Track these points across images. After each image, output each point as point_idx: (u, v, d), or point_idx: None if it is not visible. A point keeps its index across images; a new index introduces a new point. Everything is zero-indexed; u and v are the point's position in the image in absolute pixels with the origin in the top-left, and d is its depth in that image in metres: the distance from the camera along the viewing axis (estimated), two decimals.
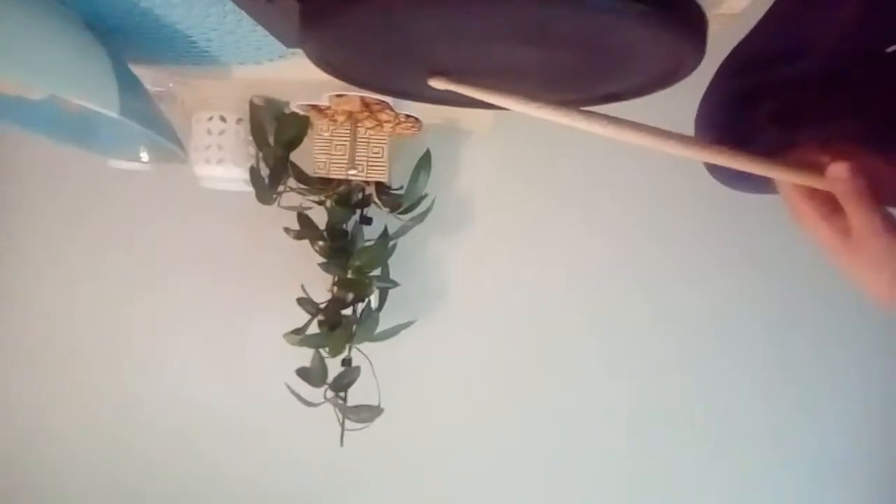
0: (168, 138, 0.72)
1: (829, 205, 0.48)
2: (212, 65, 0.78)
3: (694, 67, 0.51)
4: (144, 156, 0.82)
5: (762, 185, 0.59)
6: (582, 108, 0.46)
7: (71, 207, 1.39)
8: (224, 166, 1.17)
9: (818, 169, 0.47)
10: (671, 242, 1.35)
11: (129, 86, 0.67)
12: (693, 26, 0.45)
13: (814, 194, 0.48)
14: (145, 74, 1.01)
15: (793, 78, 0.69)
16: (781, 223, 0.53)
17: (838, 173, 0.45)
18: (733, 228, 1.32)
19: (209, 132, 1.16)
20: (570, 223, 1.35)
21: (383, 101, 1.03)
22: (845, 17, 0.66)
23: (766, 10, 0.71)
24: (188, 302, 1.37)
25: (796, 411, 1.34)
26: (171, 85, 1.06)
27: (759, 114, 0.71)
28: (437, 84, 0.53)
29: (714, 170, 0.77)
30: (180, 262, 1.37)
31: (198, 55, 0.74)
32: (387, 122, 1.09)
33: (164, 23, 0.65)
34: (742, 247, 1.32)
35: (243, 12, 0.60)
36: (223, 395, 1.37)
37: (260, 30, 0.66)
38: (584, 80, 0.56)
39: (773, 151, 0.68)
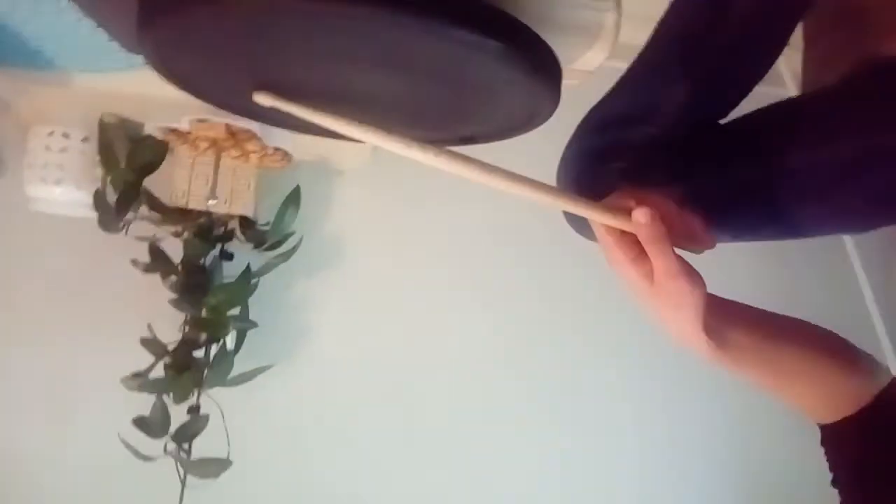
0: None
1: (638, 249, 0.50)
2: (48, 69, 0.70)
3: (549, 113, 0.52)
4: None
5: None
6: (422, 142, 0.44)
7: None
8: (63, 187, 1.06)
9: (627, 213, 0.49)
10: (551, 283, 1.37)
11: None
12: (547, 70, 0.46)
13: (624, 238, 0.51)
14: None
15: (638, 141, 0.75)
16: None
17: (639, 217, 0.47)
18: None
19: (48, 149, 1.04)
20: (442, 267, 1.35)
21: (250, 131, 0.99)
22: (678, 96, 0.72)
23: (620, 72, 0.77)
24: (12, 337, 1.20)
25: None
26: (5, 92, 0.95)
27: (611, 171, 0.75)
28: (262, 100, 0.50)
29: (571, 220, 0.80)
30: (6, 292, 1.20)
31: (29, 56, 0.65)
32: (253, 152, 1.04)
33: None
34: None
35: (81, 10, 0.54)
36: (48, 447, 1.19)
37: (103, 32, 0.60)
38: (441, 118, 0.56)
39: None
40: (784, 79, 1.24)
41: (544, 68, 0.45)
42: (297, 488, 1.27)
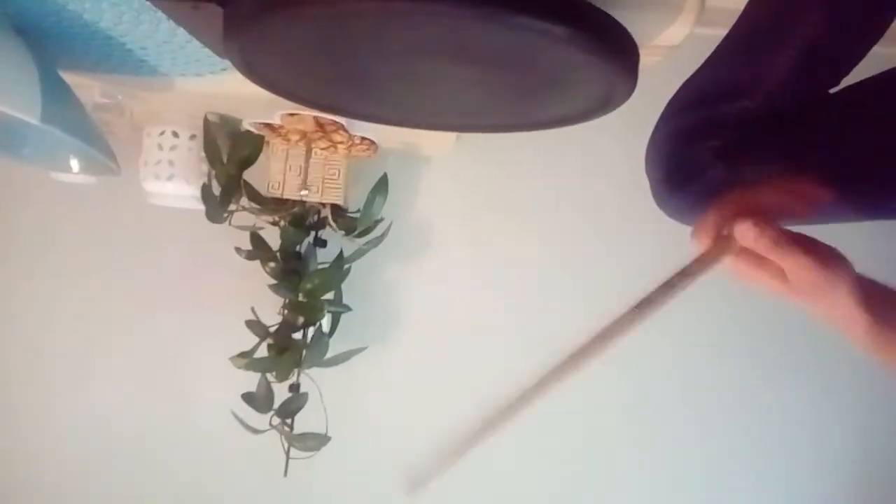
0: (99, 149, 0.69)
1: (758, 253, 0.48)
2: (151, 75, 0.76)
3: (627, 93, 0.50)
4: (74, 166, 0.79)
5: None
6: None
7: (7, 219, 1.34)
8: (175, 182, 1.14)
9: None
10: (638, 269, 1.33)
11: (55, 94, 0.64)
12: (620, 50, 0.45)
13: (741, 250, 0.49)
14: (93, 85, 0.99)
15: (736, 116, 0.70)
16: None
17: (745, 232, 0.45)
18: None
19: (160, 147, 1.13)
20: (528, 250, 1.34)
21: (337, 122, 1.02)
22: (785, 61, 0.67)
23: (710, 45, 0.73)
24: (130, 320, 1.32)
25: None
26: (119, 97, 1.03)
27: (705, 150, 0.71)
28: None
29: (662, 203, 0.77)
30: (125, 278, 1.33)
31: (135, 65, 0.71)
32: (341, 143, 1.07)
33: (95, 29, 0.63)
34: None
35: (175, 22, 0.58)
36: (164, 418, 1.32)
37: (196, 41, 0.65)
38: (519, 103, 0.56)
39: (719, 187, 0.68)
40: None
41: (616, 49, 0.44)
42: (388, 465, 1.32)
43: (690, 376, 1.34)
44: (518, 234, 1.34)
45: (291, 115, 0.99)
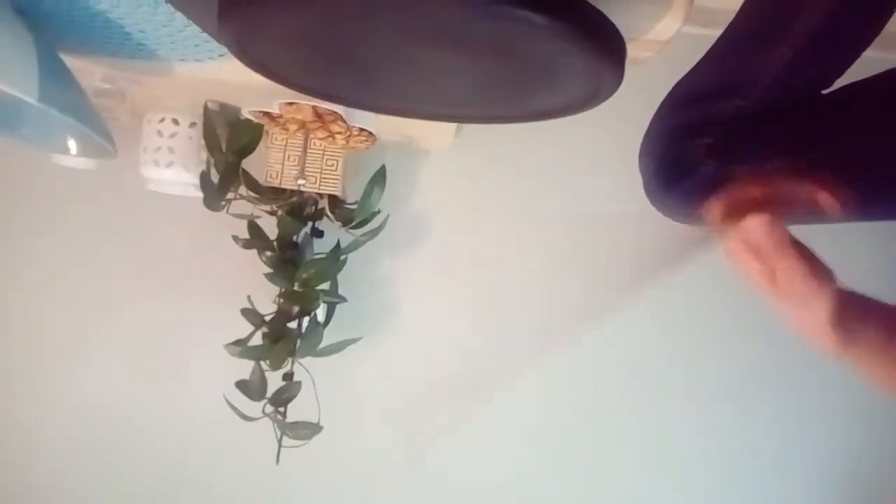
0: (96, 131, 0.70)
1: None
2: (151, 59, 0.76)
3: (613, 86, 0.51)
4: (72, 147, 0.80)
5: (696, 220, 0.61)
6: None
7: (6, 204, 1.35)
8: (173, 169, 1.15)
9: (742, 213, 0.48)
10: (631, 264, 1.34)
11: (54, 74, 0.65)
12: (605, 43, 0.45)
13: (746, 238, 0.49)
14: (94, 70, 0.99)
15: (728, 115, 0.71)
16: None
17: (755, 227, 0.46)
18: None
19: (160, 134, 1.13)
20: (525, 246, 1.35)
21: (336, 112, 1.02)
22: (779, 60, 0.67)
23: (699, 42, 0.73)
24: (126, 305, 1.33)
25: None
26: (120, 82, 1.04)
27: (698, 148, 0.72)
28: None
29: (654, 199, 0.78)
30: (122, 264, 1.34)
31: (134, 48, 0.72)
32: (339, 133, 1.08)
33: (95, 11, 0.64)
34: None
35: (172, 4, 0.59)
36: (158, 404, 1.33)
37: (194, 26, 0.65)
38: (507, 94, 0.56)
39: (711, 184, 0.69)
40: None
41: (601, 40, 0.44)
42: (378, 453, 1.34)
43: (682, 378, 1.34)
44: (514, 229, 1.35)
45: (290, 104, 1.00)
